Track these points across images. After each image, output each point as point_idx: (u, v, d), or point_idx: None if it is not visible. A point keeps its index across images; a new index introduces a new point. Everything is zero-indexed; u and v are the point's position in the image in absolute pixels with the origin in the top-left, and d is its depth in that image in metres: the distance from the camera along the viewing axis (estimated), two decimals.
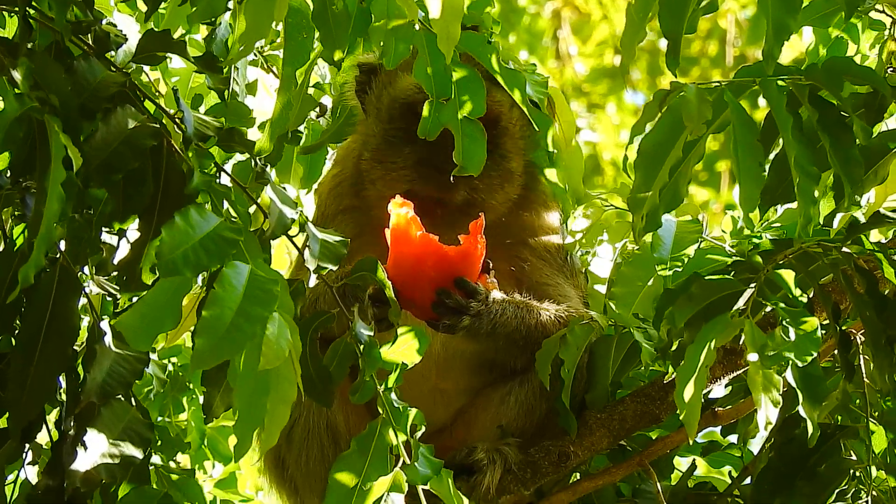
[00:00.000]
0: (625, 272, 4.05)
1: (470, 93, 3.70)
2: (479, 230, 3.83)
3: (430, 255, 3.83)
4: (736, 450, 4.32)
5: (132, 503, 3.62)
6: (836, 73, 3.45)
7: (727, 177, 11.72)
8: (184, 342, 4.68)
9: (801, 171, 3.39)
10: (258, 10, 3.49)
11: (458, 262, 3.86)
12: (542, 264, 4.29)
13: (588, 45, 12.12)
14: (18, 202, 3.46)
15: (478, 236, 3.83)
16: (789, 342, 3.34)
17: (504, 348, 4.10)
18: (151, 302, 3.19)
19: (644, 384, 4.08)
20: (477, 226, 3.83)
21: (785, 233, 4.13)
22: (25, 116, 3.24)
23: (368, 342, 3.35)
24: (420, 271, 3.83)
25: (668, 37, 3.43)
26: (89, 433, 3.31)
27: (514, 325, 4.05)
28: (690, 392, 3.32)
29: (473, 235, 3.83)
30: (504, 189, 4.24)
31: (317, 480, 4.22)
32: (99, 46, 3.50)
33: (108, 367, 3.36)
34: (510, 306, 4.04)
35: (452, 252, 3.84)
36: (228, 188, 3.34)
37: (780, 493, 3.84)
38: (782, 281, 3.52)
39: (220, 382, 3.29)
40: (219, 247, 3.11)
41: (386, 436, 3.29)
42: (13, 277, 3.36)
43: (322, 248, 3.36)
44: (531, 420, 4.18)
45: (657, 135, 3.46)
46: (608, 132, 12.02)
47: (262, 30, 3.51)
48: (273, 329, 3.01)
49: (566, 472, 4.08)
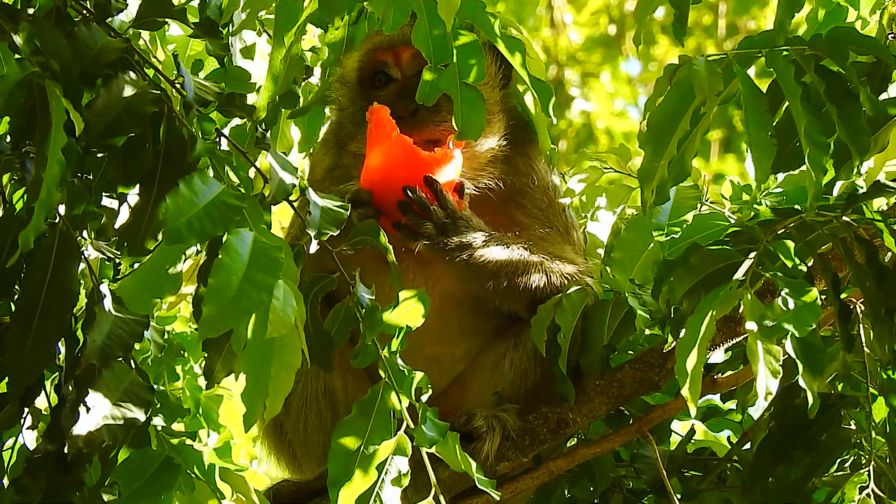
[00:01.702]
0: (624, 237, 4.05)
1: (470, 59, 3.70)
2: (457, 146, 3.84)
3: (403, 156, 3.84)
4: (735, 415, 4.33)
5: (134, 465, 3.63)
6: (841, 42, 3.46)
7: (717, 146, 11.72)
8: (178, 310, 4.68)
9: (810, 141, 3.39)
10: None
11: (430, 165, 3.87)
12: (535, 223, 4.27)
13: (583, 14, 12.09)
14: (18, 167, 3.45)
15: (453, 150, 3.83)
16: (789, 312, 3.34)
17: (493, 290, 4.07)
18: (151, 268, 3.20)
19: (643, 351, 4.09)
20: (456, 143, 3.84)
21: (785, 198, 4.14)
22: (26, 81, 3.23)
23: (369, 306, 3.36)
24: (392, 172, 3.84)
25: (677, 7, 3.43)
26: (91, 395, 3.31)
27: (499, 259, 4.03)
28: (692, 363, 3.32)
29: (448, 147, 3.85)
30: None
31: (315, 446, 4.23)
32: (99, 12, 3.49)
33: (108, 329, 3.36)
34: (492, 240, 4.02)
35: (425, 155, 3.86)
36: (229, 154, 3.34)
37: (781, 463, 3.85)
38: (783, 250, 3.53)
39: (222, 348, 3.28)
40: (222, 214, 3.11)
41: (388, 400, 3.30)
42: (13, 242, 3.36)
43: (322, 213, 3.36)
44: (526, 385, 4.18)
45: (666, 108, 3.46)
46: (602, 101, 12.01)
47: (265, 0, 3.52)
48: (279, 296, 3.02)
49: (564, 438, 4.09)
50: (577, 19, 12.11)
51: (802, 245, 3.58)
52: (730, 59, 3.48)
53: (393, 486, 3.27)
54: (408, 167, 3.85)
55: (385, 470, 3.27)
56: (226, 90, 3.51)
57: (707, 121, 3.45)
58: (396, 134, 3.82)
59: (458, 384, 4.27)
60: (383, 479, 3.27)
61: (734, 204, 4.20)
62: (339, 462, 3.26)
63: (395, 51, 4.20)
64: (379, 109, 3.84)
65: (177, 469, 3.69)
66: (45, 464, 3.46)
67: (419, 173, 3.87)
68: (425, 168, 3.87)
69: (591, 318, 4.09)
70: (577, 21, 12.11)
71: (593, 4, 12.02)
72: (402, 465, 3.26)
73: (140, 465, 3.63)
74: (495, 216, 4.19)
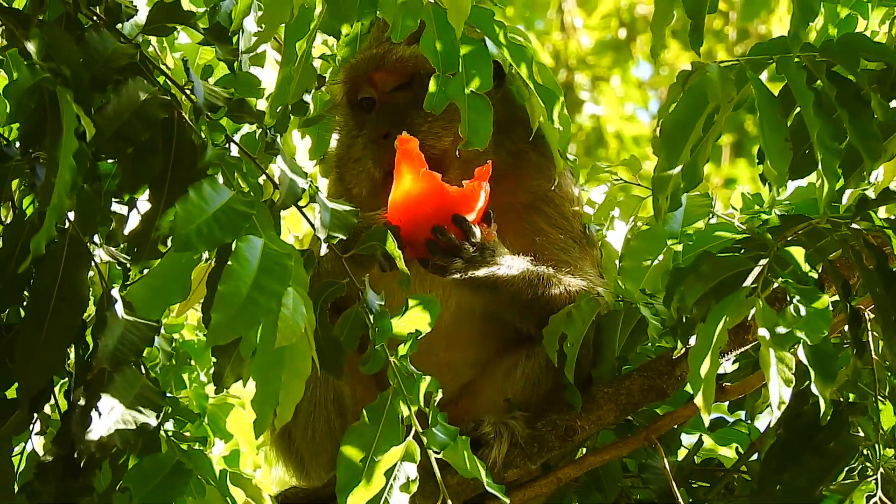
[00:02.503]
0: (634, 246, 4.05)
1: (476, 67, 3.71)
2: (485, 177, 3.82)
3: (431, 193, 3.81)
4: (743, 426, 4.32)
5: (145, 470, 3.63)
6: (852, 49, 3.46)
7: (727, 151, 11.71)
8: (185, 318, 4.68)
9: (823, 147, 3.39)
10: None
11: (458, 202, 3.84)
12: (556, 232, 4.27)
13: (593, 18, 12.08)
14: (28, 172, 3.46)
15: (482, 182, 3.82)
16: (800, 320, 3.33)
17: (509, 306, 4.10)
18: (160, 273, 3.20)
19: (651, 359, 4.09)
20: (482, 172, 3.82)
21: (794, 209, 4.13)
22: (37, 87, 3.23)
23: (379, 312, 3.36)
24: (419, 209, 3.81)
25: (692, 17, 3.44)
26: (103, 399, 3.31)
27: (520, 284, 4.04)
28: (704, 372, 3.32)
29: (477, 180, 3.82)
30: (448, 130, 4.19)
31: (323, 452, 4.23)
32: (110, 18, 3.50)
33: (120, 334, 3.36)
34: (517, 263, 4.04)
35: (453, 192, 3.83)
36: (239, 160, 3.34)
37: (788, 470, 3.84)
38: (792, 258, 3.52)
39: (231, 353, 3.28)
40: (232, 220, 3.11)
41: (397, 406, 3.30)
42: (23, 247, 3.37)
43: (333, 217, 3.36)
44: (537, 393, 4.18)
45: (679, 115, 3.46)
46: (612, 105, 12.00)
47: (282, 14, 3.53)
48: (288, 304, 3.02)
49: (573, 446, 4.08)
50: (588, 23, 12.10)
51: (812, 252, 3.58)
52: (742, 66, 3.48)
53: (401, 492, 3.27)
54: (436, 204, 3.82)
55: (393, 476, 3.27)
56: (235, 96, 3.51)
57: (719, 127, 3.45)
58: (425, 170, 3.80)
59: (470, 391, 4.28)
60: (392, 486, 3.27)
61: (744, 214, 4.20)
62: (347, 468, 3.26)
63: (369, 75, 4.24)
64: (408, 140, 3.81)
65: (188, 474, 3.68)
66: (55, 469, 3.46)
67: (447, 210, 3.84)
68: (453, 205, 3.85)
69: (602, 329, 4.10)
70: (588, 25, 12.11)
71: (603, 8, 12.01)
72: (410, 471, 3.26)
73: (151, 469, 3.62)
74: (517, 223, 4.21)
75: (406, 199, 3.80)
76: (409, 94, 4.20)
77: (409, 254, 3.77)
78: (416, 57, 4.16)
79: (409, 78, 4.20)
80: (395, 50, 4.17)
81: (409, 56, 4.18)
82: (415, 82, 4.19)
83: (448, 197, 3.82)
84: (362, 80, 4.26)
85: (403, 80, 4.21)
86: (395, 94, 4.22)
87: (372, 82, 4.25)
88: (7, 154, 3.43)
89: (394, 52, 4.18)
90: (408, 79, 4.20)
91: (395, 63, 4.19)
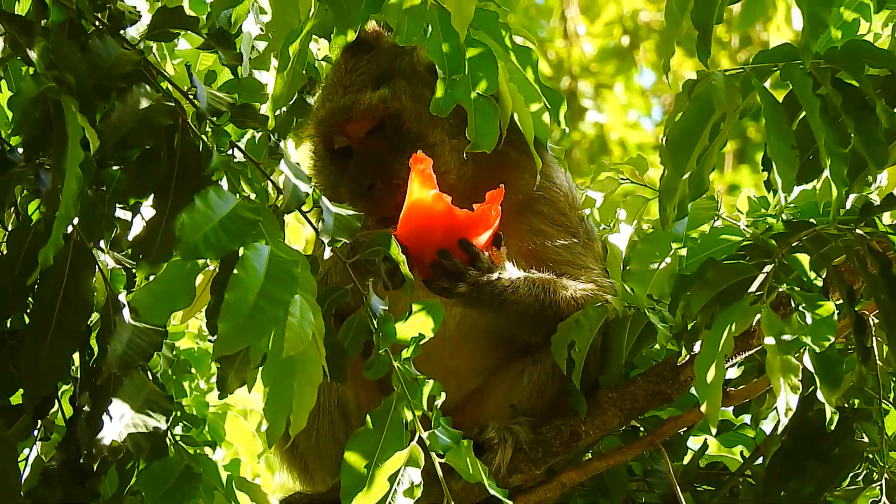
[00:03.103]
0: (640, 249, 4.06)
1: (483, 70, 3.71)
2: (496, 201, 3.82)
3: (440, 216, 3.81)
4: (748, 429, 4.32)
5: (156, 475, 3.62)
6: (856, 55, 3.46)
7: (731, 158, 11.71)
8: (186, 326, 4.69)
9: (831, 153, 3.40)
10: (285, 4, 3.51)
11: (467, 226, 3.84)
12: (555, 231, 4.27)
13: (596, 25, 12.08)
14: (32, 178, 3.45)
15: (493, 206, 3.82)
16: (806, 326, 3.34)
17: (516, 323, 4.11)
18: (165, 280, 3.19)
19: (656, 363, 4.09)
20: (494, 196, 3.82)
21: (799, 214, 4.13)
22: (42, 96, 3.23)
23: (383, 316, 3.36)
24: (428, 231, 3.82)
25: (699, 27, 3.44)
26: (114, 403, 3.31)
27: (526, 301, 4.05)
28: (710, 379, 3.32)
29: (488, 204, 3.82)
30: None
31: (327, 458, 4.23)
32: (113, 24, 3.49)
33: (128, 338, 3.35)
34: (522, 282, 4.04)
35: (462, 216, 3.83)
36: (244, 165, 3.34)
37: (793, 476, 3.85)
38: (797, 264, 3.53)
39: (235, 358, 3.28)
40: (239, 227, 3.10)
41: (401, 411, 3.30)
42: (27, 253, 3.36)
43: (336, 221, 3.36)
44: (543, 399, 4.18)
45: (685, 123, 3.46)
46: (616, 112, 12.00)
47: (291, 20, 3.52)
48: (296, 313, 3.02)
49: (577, 451, 4.08)
50: (591, 30, 12.10)
51: (816, 257, 3.58)
52: (747, 74, 3.49)
53: (405, 497, 3.27)
54: (445, 228, 3.83)
55: (397, 481, 3.27)
56: (238, 101, 3.51)
57: (725, 135, 3.45)
58: (436, 192, 3.80)
59: (475, 399, 4.27)
60: (396, 491, 3.27)
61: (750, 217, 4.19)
62: (351, 474, 3.25)
63: (340, 126, 4.26)
64: (422, 159, 3.80)
65: (197, 478, 3.67)
66: (60, 474, 3.45)
67: (456, 234, 3.85)
68: (462, 228, 3.85)
69: (610, 335, 4.10)
70: (591, 32, 12.11)
71: (607, 15, 12.01)
72: (414, 476, 3.26)
73: (162, 474, 3.61)
74: (513, 225, 4.19)
75: (416, 220, 3.81)
76: (383, 136, 4.22)
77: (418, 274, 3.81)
78: (383, 101, 4.20)
79: (381, 121, 4.21)
80: (361, 99, 4.20)
81: (378, 101, 4.21)
82: (387, 125, 4.21)
83: (457, 220, 3.83)
84: (334, 131, 4.28)
85: (375, 125, 4.22)
86: (370, 140, 4.23)
87: (345, 132, 4.26)
88: (10, 160, 3.43)
89: (361, 102, 4.20)
90: (379, 122, 4.22)
91: (363, 112, 4.21)
